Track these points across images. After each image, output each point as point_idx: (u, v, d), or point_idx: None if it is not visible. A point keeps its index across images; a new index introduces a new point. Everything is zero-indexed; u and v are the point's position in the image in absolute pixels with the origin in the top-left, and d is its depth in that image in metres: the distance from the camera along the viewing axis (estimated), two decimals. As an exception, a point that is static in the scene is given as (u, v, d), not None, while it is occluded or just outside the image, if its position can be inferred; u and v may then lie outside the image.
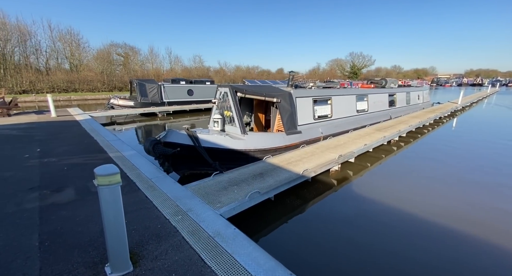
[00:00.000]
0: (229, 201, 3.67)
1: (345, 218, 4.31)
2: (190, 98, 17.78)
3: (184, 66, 52.19)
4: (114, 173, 2.06)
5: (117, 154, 5.84)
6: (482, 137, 10.33)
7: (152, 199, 3.67)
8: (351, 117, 8.84)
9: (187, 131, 5.28)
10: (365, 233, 3.85)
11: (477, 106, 21.62)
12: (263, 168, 5.03)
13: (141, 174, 4.62)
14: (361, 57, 77.66)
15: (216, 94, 6.29)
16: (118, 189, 2.12)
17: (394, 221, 4.19)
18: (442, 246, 3.54)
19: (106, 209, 2.10)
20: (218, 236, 2.78)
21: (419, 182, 5.88)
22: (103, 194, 2.06)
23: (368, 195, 5.10)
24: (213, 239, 2.74)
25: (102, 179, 2.01)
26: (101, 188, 2.04)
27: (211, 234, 2.82)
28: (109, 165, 2.20)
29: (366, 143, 6.85)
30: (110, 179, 2.04)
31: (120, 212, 2.18)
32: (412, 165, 7.12)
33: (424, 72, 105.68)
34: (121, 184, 2.16)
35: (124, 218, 2.24)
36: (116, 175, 2.07)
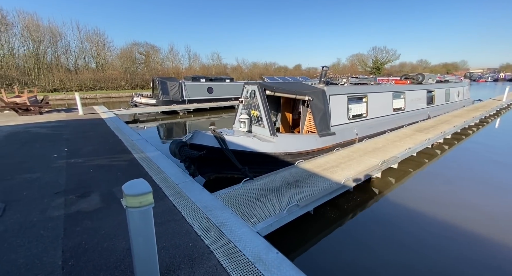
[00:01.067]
0: (265, 214, 3.24)
1: (393, 234, 3.72)
2: (210, 96, 17.62)
3: (202, 64, 52.65)
4: (145, 193, 1.69)
5: (142, 154, 5.63)
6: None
7: (181, 208, 3.34)
8: (387, 116, 8.05)
9: (213, 133, 4.92)
10: (416, 253, 3.26)
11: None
12: (296, 174, 4.54)
13: (167, 178, 4.33)
14: (384, 51, 73.76)
15: (242, 93, 5.88)
16: (150, 211, 1.75)
17: (450, 240, 3.55)
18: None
19: (135, 234, 1.75)
20: (260, 262, 2.36)
21: (472, 189, 5.11)
22: (133, 217, 1.70)
23: (415, 206, 4.45)
24: (253, 265, 2.32)
25: (132, 199, 1.65)
26: (130, 211, 1.68)
27: (251, 259, 2.40)
28: (139, 180, 1.84)
29: (409, 146, 6.10)
30: (141, 200, 1.67)
31: (152, 237, 1.82)
32: (461, 170, 6.27)
33: (454, 67, 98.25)
34: (153, 206, 1.78)
35: (155, 244, 1.88)
36: (148, 194, 1.70)
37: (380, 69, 71.60)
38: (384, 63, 72.96)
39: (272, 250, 2.53)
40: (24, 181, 4.18)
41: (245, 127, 5.57)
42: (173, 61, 48.71)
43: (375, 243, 3.54)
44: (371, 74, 64.68)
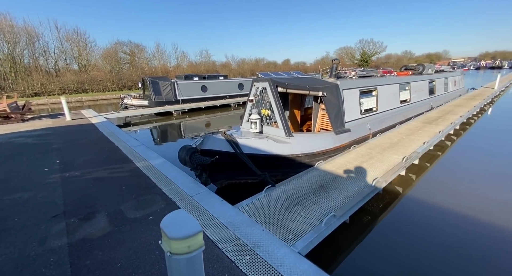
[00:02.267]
0: (301, 229, 2.87)
1: (427, 233, 3.46)
2: (204, 95, 17.01)
3: (190, 62, 51.41)
4: (195, 233, 1.26)
5: (145, 163, 5.13)
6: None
7: (204, 227, 2.92)
8: (395, 109, 7.83)
9: (225, 137, 4.49)
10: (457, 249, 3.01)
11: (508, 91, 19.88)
12: (320, 178, 4.20)
13: (179, 190, 3.88)
14: (371, 44, 74.39)
15: (251, 91, 5.44)
16: (200, 257, 1.33)
17: (483, 234, 3.33)
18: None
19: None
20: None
21: (490, 180, 4.94)
22: (178, 265, 1.28)
23: (443, 202, 4.21)
24: (309, 297, 1.96)
25: (179, 244, 1.23)
26: (175, 258, 1.25)
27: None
28: (180, 213, 1.42)
29: (426, 140, 5.88)
30: (190, 243, 1.25)
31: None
32: (475, 160, 6.12)
33: (438, 57, 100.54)
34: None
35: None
36: (198, 235, 1.28)
37: (368, 62, 72.25)
38: (372, 55, 73.67)
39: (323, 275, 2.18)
40: (14, 203, 3.63)
41: (257, 128, 5.16)
42: (160, 59, 47.28)
43: (411, 244, 3.27)
44: (359, 67, 65.08)
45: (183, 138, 10.10)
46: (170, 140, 9.94)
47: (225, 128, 11.53)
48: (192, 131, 11.21)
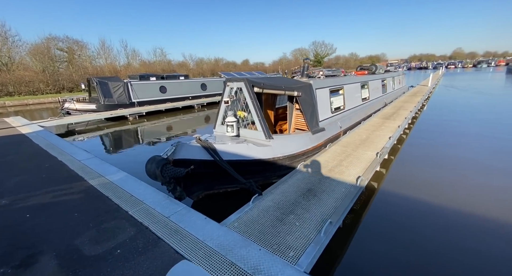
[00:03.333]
0: (300, 242, 2.62)
1: (412, 224, 3.59)
2: (164, 96, 15.75)
3: (143, 60, 47.64)
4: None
5: (101, 180, 4.28)
6: (468, 116, 10.71)
7: (189, 255, 2.44)
8: (358, 107, 8.27)
9: (201, 143, 4.00)
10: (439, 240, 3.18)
11: (437, 89, 23.32)
12: (305, 180, 4.04)
13: (150, 210, 3.28)
14: (323, 45, 79.87)
15: (224, 91, 5.01)
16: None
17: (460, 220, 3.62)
18: None
19: None
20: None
21: (452, 166, 5.51)
22: None
23: (413, 193, 4.48)
24: None
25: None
26: None
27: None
28: (184, 266, 1.00)
29: (390, 135, 6.28)
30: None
31: None
32: (429, 149, 6.79)
33: (377, 59, 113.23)
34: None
35: None
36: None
37: (321, 62, 77.27)
38: (324, 56, 79.01)
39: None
40: None
41: (234, 132, 4.77)
42: (107, 58, 42.63)
43: (397, 237, 3.33)
44: (313, 67, 69.05)
45: (144, 145, 9.05)
46: (129, 149, 8.78)
47: (190, 131, 10.77)
48: (153, 136, 10.14)
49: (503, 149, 6.64)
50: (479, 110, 12.17)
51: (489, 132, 8.23)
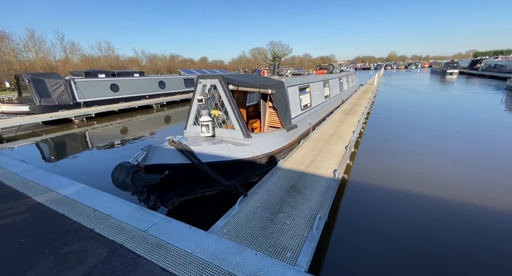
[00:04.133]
0: (295, 241, 2.59)
1: (383, 212, 3.92)
2: (116, 95, 14.19)
3: (85, 55, 42.24)
4: None
5: (51, 194, 3.59)
6: (408, 110, 12.28)
7: (178, 270, 2.19)
8: (322, 104, 8.70)
9: (175, 145, 3.66)
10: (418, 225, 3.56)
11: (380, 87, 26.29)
12: (287, 178, 4.05)
13: (122, 225, 2.86)
14: (280, 46, 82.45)
15: (196, 89, 4.67)
16: None
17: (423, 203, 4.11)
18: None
19: None
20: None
21: (408, 154, 6.20)
22: None
23: (381, 181, 4.91)
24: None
25: None
26: None
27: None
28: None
29: (353, 130, 6.76)
30: None
31: None
32: (388, 141, 7.54)
33: (328, 59, 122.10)
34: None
35: None
36: None
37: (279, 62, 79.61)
38: (281, 56, 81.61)
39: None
40: None
41: (209, 132, 4.49)
42: (38, 51, 36.59)
43: (373, 226, 3.59)
44: (269, 66, 70.58)
45: (98, 150, 7.98)
46: (81, 156, 7.63)
47: (148, 133, 9.91)
48: (107, 141, 9.03)
49: (444, 135, 7.76)
50: (414, 105, 14.09)
51: (429, 123, 9.55)
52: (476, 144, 7.09)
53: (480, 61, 43.51)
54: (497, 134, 7.84)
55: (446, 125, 9.12)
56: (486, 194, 4.40)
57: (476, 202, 4.14)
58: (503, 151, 6.43)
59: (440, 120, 10.04)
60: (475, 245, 3.22)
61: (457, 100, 15.34)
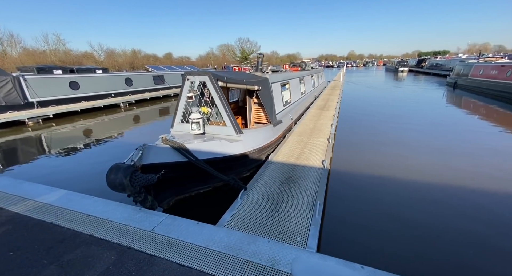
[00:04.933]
0: (301, 226, 2.78)
1: (367, 195, 4.36)
2: (76, 94, 12.90)
3: (27, 49, 37.16)
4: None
5: (29, 203, 3.25)
6: (370, 104, 13.48)
7: (197, 264, 2.21)
8: (299, 99, 9.09)
9: (170, 144, 3.57)
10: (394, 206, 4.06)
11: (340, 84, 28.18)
12: (281, 170, 4.23)
13: (124, 227, 2.75)
14: (248, 43, 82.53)
15: (184, 86, 4.55)
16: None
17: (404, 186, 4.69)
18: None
19: None
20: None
21: (380, 142, 6.88)
22: None
23: (359, 168, 5.40)
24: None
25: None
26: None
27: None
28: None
29: (331, 123, 7.24)
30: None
31: None
32: (360, 132, 8.22)
33: (294, 57, 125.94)
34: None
35: None
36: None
37: (247, 59, 79.77)
38: (250, 53, 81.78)
39: (355, 266, 2.20)
40: None
41: (200, 129, 4.44)
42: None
43: (361, 210, 3.99)
44: (242, 64, 70.44)
45: (61, 153, 7.24)
46: (18, 162, 6.85)
47: (116, 134, 9.27)
48: (70, 144, 8.20)
49: (402, 126, 8.72)
50: (375, 100, 15.50)
51: (390, 115, 10.62)
52: (426, 129, 8.20)
53: (424, 61, 49.13)
54: (442, 121, 9.11)
55: (402, 117, 10.26)
56: (433, 170, 5.23)
57: (429, 178, 4.86)
58: (442, 133, 7.58)
59: (398, 113, 11.24)
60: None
61: (409, 95, 17.18)
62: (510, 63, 14.88)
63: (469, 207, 3.99)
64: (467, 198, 4.23)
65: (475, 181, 4.79)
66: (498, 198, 4.21)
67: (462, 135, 7.69)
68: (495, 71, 15.44)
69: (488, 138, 7.39)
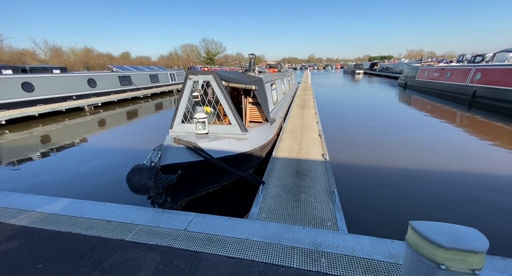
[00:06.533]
0: (326, 213, 3.03)
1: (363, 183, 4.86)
2: (30, 97, 11.38)
3: None
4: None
5: (32, 214, 2.91)
6: (338, 104, 14.65)
7: (245, 254, 2.31)
8: (282, 99, 9.47)
9: (184, 143, 3.54)
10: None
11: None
12: (289, 164, 4.46)
13: (154, 229, 2.68)
14: (213, 43, 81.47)
15: (185, 86, 4.46)
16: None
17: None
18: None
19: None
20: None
21: (360, 136, 7.60)
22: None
23: (352, 160, 5.96)
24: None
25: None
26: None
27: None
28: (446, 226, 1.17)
29: (317, 120, 7.75)
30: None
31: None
32: (338, 128, 8.94)
33: (259, 59, 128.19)
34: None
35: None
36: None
37: (213, 60, 78.71)
38: (215, 54, 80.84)
39: (386, 241, 2.52)
40: None
41: (205, 129, 4.41)
42: None
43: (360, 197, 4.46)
44: (207, 65, 69.04)
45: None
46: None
47: (78, 139, 8.54)
48: (28, 153, 7.30)
49: (370, 121, 9.72)
50: (342, 99, 16.92)
51: (360, 112, 11.71)
52: (385, 122, 9.32)
53: (376, 64, 54.65)
54: (397, 116, 10.43)
55: (366, 115, 11.42)
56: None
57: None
58: (399, 128, 8.77)
59: (358, 111, 12.47)
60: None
61: (367, 95, 19.00)
62: (448, 66, 17.59)
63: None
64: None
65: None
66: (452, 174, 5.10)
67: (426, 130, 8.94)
68: (437, 74, 18.08)
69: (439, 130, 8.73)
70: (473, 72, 14.05)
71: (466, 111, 12.20)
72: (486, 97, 12.56)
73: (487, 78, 12.79)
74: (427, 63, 24.40)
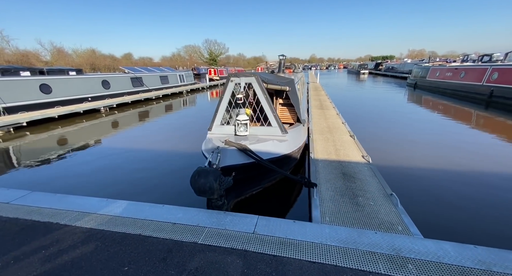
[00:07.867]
0: (393, 217, 2.97)
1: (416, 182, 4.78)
2: (48, 98, 11.40)
3: None
4: None
5: (95, 217, 2.88)
6: (352, 103, 14.59)
7: (323, 258, 2.25)
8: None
9: (236, 145, 3.51)
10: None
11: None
12: (332, 167, 4.41)
13: (224, 232, 2.64)
14: (216, 44, 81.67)
15: (227, 87, 4.43)
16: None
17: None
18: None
19: None
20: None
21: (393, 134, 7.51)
22: None
23: (395, 161, 5.86)
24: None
25: None
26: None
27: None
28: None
29: (341, 121, 7.70)
30: None
31: None
32: (368, 127, 8.85)
33: (260, 60, 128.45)
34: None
35: None
36: None
37: (216, 61, 78.87)
38: (218, 55, 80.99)
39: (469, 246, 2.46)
40: None
41: (247, 131, 4.37)
42: None
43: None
44: (209, 65, 69.17)
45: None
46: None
47: (91, 142, 8.52)
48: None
49: (388, 120, 9.63)
50: (356, 99, 16.83)
51: (371, 114, 11.62)
52: (398, 121, 9.24)
53: (381, 64, 54.52)
54: (406, 113, 10.35)
55: (382, 113, 11.34)
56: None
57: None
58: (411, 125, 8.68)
59: (378, 111, 12.38)
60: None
61: (378, 95, 18.87)
62: (462, 66, 17.48)
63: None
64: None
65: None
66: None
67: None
68: (450, 73, 17.97)
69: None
70: (489, 72, 13.95)
71: (484, 111, 12.11)
72: (504, 97, 12.45)
73: (505, 78, 12.69)
74: (437, 63, 24.31)
